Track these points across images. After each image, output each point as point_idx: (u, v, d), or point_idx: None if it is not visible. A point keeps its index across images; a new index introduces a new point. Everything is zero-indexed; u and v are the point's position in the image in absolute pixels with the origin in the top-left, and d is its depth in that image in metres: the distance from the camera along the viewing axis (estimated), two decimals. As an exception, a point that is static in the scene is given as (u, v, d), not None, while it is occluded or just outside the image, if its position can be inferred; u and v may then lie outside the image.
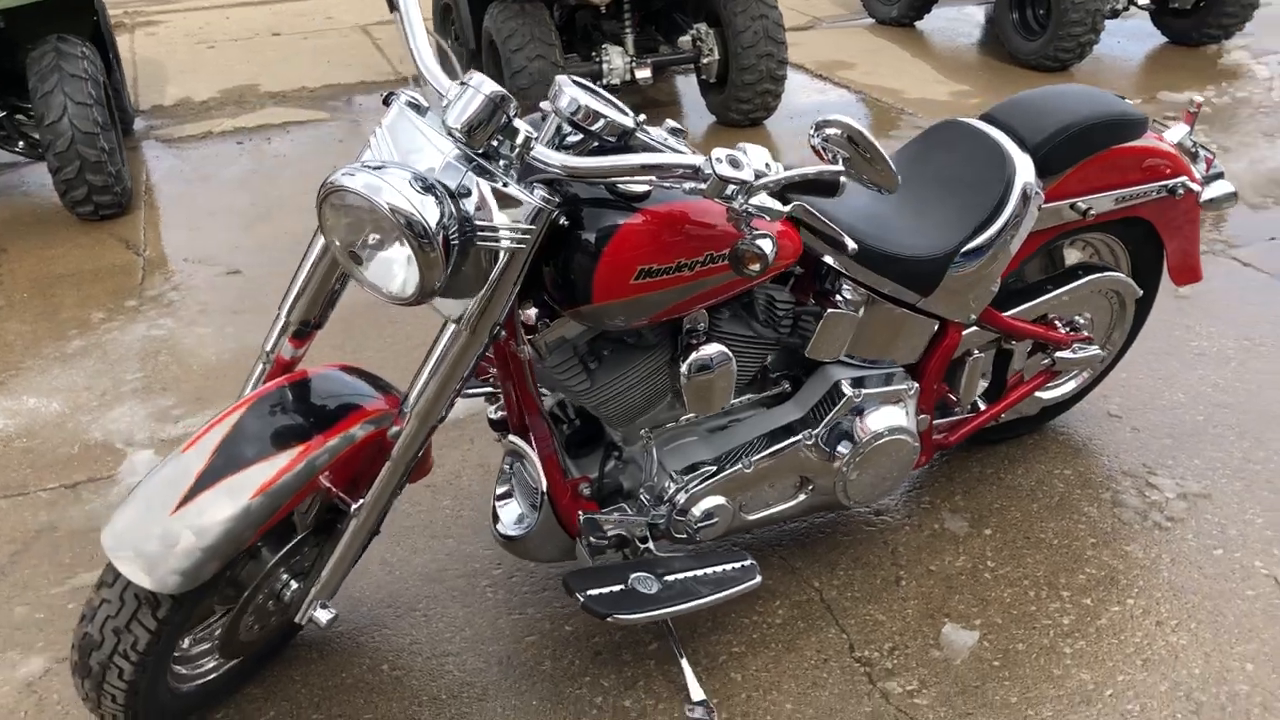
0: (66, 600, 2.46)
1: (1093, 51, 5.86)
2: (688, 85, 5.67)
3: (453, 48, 6.07)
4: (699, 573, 2.18)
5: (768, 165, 1.73)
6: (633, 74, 5.11)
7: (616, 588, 2.11)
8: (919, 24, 7.04)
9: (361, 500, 1.93)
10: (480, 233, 1.72)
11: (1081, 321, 2.68)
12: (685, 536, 2.23)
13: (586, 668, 2.26)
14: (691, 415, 2.24)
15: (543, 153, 1.75)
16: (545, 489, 2.11)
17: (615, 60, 5.09)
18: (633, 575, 2.14)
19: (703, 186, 1.74)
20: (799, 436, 2.26)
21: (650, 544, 2.25)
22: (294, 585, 2.05)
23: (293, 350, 2.03)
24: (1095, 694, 2.16)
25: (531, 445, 2.13)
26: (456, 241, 1.66)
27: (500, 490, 2.29)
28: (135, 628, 1.78)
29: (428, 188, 1.65)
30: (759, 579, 2.17)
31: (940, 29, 7.00)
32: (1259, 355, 3.25)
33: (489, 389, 2.44)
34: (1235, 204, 2.61)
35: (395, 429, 1.87)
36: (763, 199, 1.78)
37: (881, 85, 5.81)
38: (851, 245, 1.91)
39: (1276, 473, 2.75)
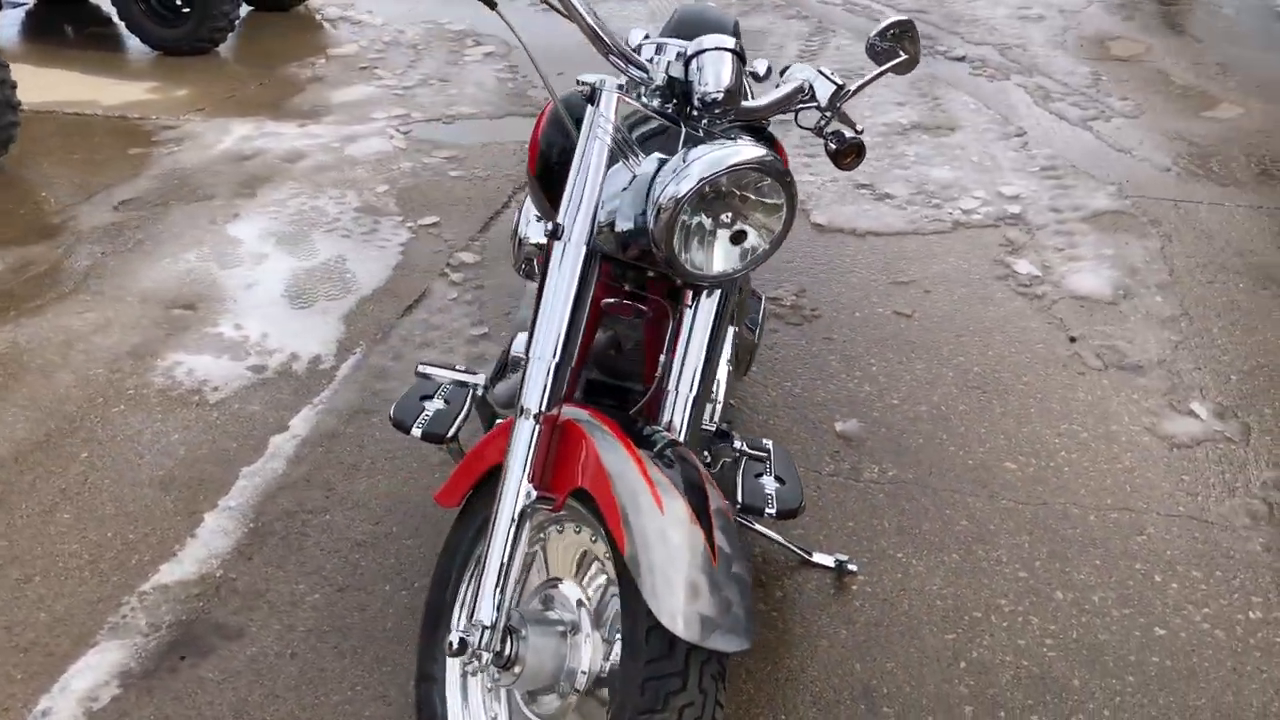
0: None
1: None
2: None
3: None
4: (768, 458, 2.46)
5: None
6: None
7: (769, 493, 2.31)
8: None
9: None
10: None
11: None
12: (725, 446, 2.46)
13: (721, 596, 2.38)
14: None
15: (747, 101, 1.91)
16: None
17: None
18: (763, 482, 2.35)
19: (821, 103, 2.07)
20: (734, 327, 2.61)
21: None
22: None
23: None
24: (947, 415, 3.01)
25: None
26: None
27: None
28: (714, 708, 1.57)
29: None
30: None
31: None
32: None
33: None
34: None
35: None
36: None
37: (77, 99, 5.23)
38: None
39: (800, 254, 3.81)
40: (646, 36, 3.13)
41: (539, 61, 1.81)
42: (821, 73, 1.99)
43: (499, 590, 1.66)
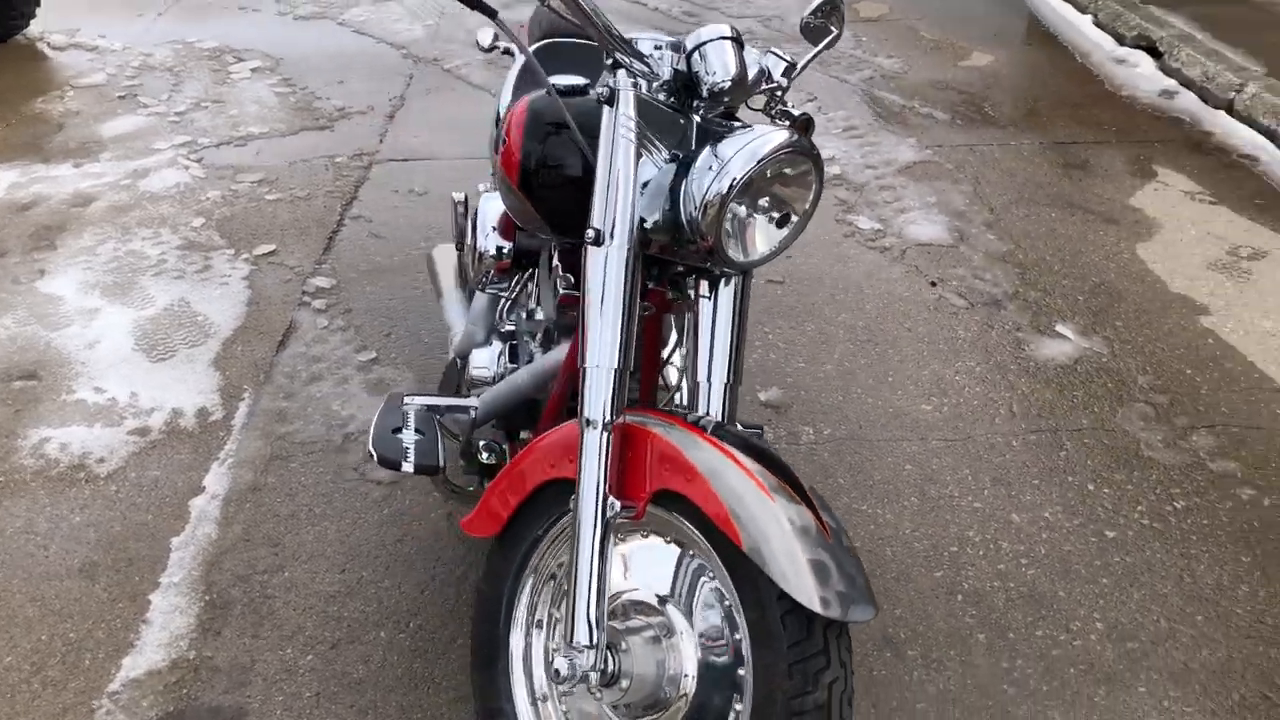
0: None
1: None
2: None
3: None
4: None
5: None
6: None
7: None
8: None
9: None
10: None
11: None
12: None
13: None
14: None
15: None
16: None
17: None
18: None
19: (782, 83, 2.13)
20: None
21: None
22: None
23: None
24: (852, 369, 3.16)
25: None
26: None
27: None
28: (850, 677, 1.61)
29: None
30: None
31: None
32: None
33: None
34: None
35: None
36: None
37: None
38: None
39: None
40: (497, 36, 3.08)
41: (539, 68, 1.76)
42: (772, 52, 2.03)
43: (593, 608, 1.63)
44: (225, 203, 4.11)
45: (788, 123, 2.05)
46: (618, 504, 1.65)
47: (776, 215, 1.73)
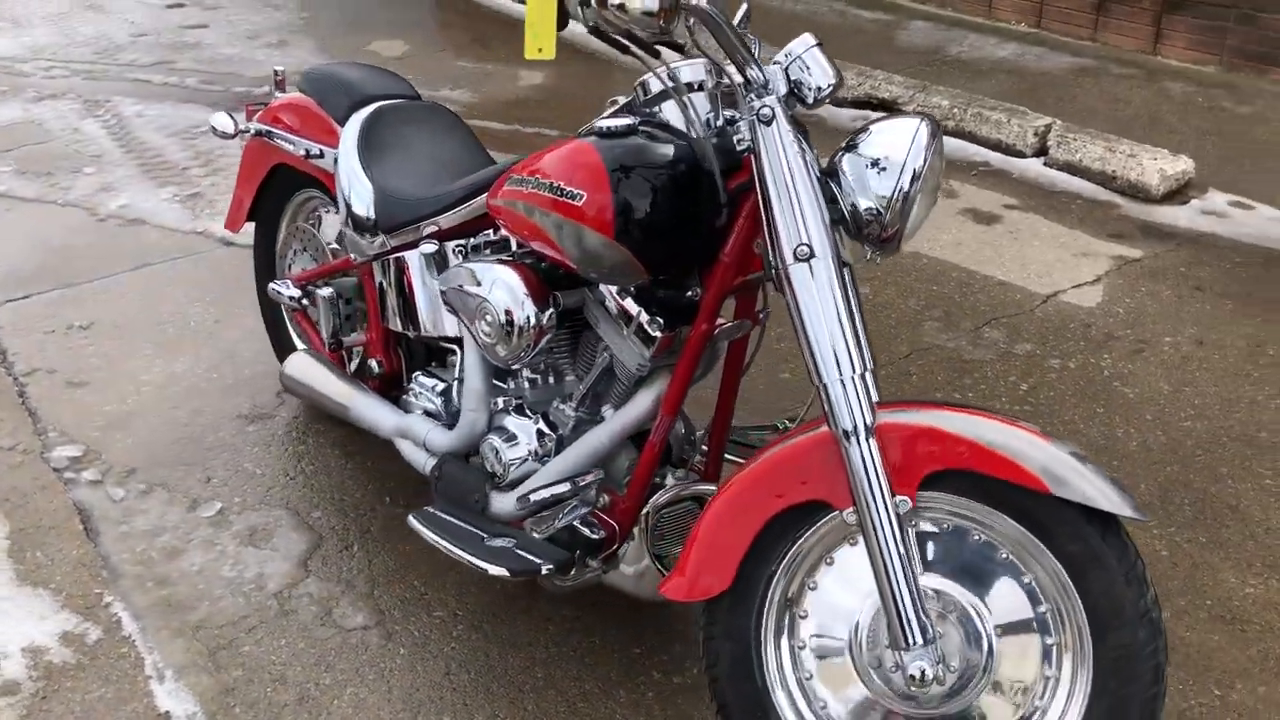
0: None
1: None
2: None
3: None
4: None
5: None
6: None
7: None
8: None
9: None
10: None
11: None
12: None
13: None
14: None
15: None
16: None
17: None
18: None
19: None
20: None
21: None
22: None
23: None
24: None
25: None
26: None
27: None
28: None
29: None
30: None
31: None
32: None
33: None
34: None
35: None
36: None
37: None
38: None
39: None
40: (236, 122, 2.79)
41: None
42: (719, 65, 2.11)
43: (916, 607, 1.68)
44: None
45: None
46: (908, 500, 1.69)
47: (926, 194, 1.85)
